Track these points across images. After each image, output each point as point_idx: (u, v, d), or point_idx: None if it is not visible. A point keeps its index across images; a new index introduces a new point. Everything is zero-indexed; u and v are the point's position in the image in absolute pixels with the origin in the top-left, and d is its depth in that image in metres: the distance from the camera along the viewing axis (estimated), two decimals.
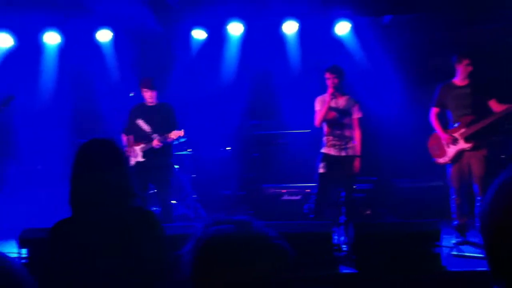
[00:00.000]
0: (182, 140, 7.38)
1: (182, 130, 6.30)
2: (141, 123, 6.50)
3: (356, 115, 6.18)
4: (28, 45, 8.35)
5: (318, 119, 6.20)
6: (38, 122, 8.38)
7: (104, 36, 8.22)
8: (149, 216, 2.51)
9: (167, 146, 6.48)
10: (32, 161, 8.28)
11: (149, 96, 6.46)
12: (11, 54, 8.34)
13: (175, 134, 6.30)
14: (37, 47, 8.41)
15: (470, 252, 5.23)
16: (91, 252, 2.35)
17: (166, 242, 2.49)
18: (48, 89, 8.61)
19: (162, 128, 6.41)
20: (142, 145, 6.48)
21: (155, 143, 6.38)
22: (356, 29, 7.95)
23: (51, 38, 8.20)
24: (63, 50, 8.49)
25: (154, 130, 6.44)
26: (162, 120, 6.49)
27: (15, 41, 8.20)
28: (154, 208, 6.67)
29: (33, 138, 8.26)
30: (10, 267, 1.22)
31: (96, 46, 8.41)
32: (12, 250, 5.48)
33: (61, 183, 7.35)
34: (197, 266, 1.33)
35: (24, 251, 5.10)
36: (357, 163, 6.09)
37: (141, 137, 6.48)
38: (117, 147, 2.55)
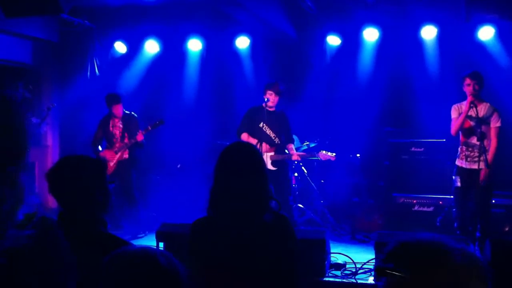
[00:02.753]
0: (312, 145, 7.45)
1: (335, 154, 6.56)
2: (265, 127, 6.54)
3: (494, 124, 5.83)
4: (173, 52, 8.96)
5: (454, 128, 5.97)
6: (180, 123, 8.91)
7: (242, 42, 8.56)
8: (284, 221, 2.56)
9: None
10: (173, 160, 8.81)
11: (272, 101, 6.42)
12: (157, 60, 9.02)
13: (323, 156, 6.49)
14: (181, 54, 8.98)
15: None
16: (225, 252, 2.43)
17: (298, 246, 2.55)
18: (190, 92, 9.14)
19: (282, 136, 6.52)
20: (272, 153, 6.53)
21: (295, 157, 6.51)
22: (500, 33, 7.46)
23: (194, 45, 8.72)
24: (204, 56, 8.98)
25: (276, 136, 6.54)
26: (281, 127, 6.57)
27: (161, 48, 8.84)
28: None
29: (175, 138, 8.81)
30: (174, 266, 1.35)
31: (234, 52, 8.77)
32: (151, 243, 5.88)
33: (199, 181, 7.78)
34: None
35: (161, 245, 5.39)
36: (483, 173, 5.72)
37: (266, 142, 6.49)
38: (257, 152, 2.65)
